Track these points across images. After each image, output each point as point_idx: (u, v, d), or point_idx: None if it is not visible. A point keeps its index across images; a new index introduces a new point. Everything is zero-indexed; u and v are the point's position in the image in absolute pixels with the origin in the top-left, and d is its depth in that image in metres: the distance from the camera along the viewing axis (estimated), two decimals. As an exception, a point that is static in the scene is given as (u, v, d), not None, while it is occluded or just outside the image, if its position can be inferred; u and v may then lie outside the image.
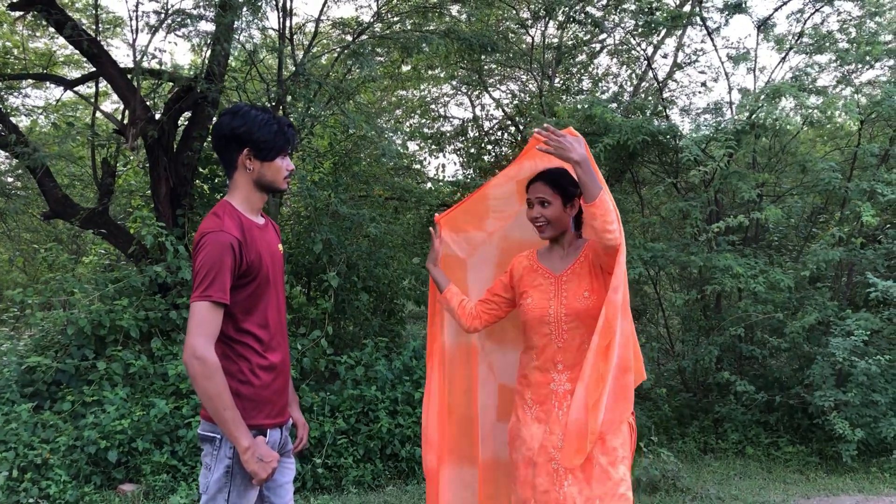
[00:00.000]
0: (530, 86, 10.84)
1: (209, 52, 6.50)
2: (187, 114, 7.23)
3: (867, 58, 6.84)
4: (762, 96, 6.40)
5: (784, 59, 7.18)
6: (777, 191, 7.84)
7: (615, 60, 10.55)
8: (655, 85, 8.72)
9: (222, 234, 2.33)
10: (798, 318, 6.52)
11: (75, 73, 8.67)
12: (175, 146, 7.02)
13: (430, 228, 3.22)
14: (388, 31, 7.78)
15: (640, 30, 8.12)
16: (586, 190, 2.55)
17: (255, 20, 6.88)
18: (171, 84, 7.15)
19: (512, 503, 2.95)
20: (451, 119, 11.75)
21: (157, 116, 6.68)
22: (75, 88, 7.69)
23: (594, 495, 2.68)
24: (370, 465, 5.76)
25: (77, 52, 8.82)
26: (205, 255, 2.31)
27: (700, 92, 14.26)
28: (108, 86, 8.11)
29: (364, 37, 7.51)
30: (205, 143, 7.14)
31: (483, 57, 9.83)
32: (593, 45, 10.32)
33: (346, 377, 6.16)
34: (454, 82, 11.05)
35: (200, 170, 7.28)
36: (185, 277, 6.07)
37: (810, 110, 6.47)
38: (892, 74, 7.06)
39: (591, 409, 2.58)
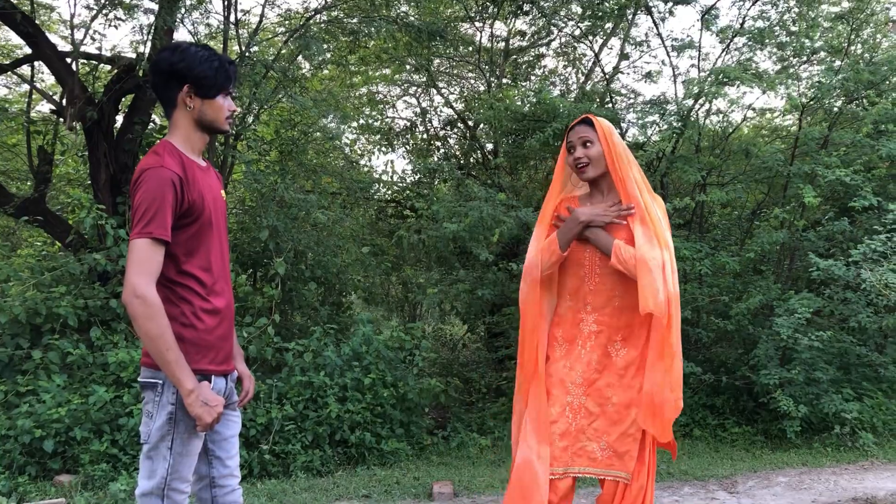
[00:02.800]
0: (479, 85, 10.87)
1: (152, 32, 6.32)
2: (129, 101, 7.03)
3: (805, 48, 7.03)
4: (707, 81, 6.51)
5: (727, 46, 7.32)
6: (721, 180, 7.98)
7: (562, 60, 10.65)
8: (603, 78, 8.82)
9: (163, 170, 2.23)
10: (743, 300, 6.64)
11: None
12: (115, 132, 6.81)
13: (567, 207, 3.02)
14: (335, 17, 7.70)
15: (586, 23, 8.20)
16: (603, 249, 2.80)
17: (199, 7, 6.76)
18: (109, 68, 6.95)
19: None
20: (398, 118, 11.69)
21: (97, 101, 6.48)
22: (9, 73, 7.42)
23: (602, 429, 2.80)
24: (318, 451, 5.63)
25: (9, 39, 8.57)
26: (144, 190, 2.21)
27: (645, 82, 14.50)
28: (46, 74, 7.89)
29: (311, 23, 7.41)
30: (147, 129, 6.95)
31: (431, 57, 9.79)
32: (540, 45, 10.39)
33: (294, 364, 6.03)
34: (402, 82, 11.00)
35: (142, 157, 7.07)
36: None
37: (754, 89, 6.59)
38: (829, 65, 7.25)
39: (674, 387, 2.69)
